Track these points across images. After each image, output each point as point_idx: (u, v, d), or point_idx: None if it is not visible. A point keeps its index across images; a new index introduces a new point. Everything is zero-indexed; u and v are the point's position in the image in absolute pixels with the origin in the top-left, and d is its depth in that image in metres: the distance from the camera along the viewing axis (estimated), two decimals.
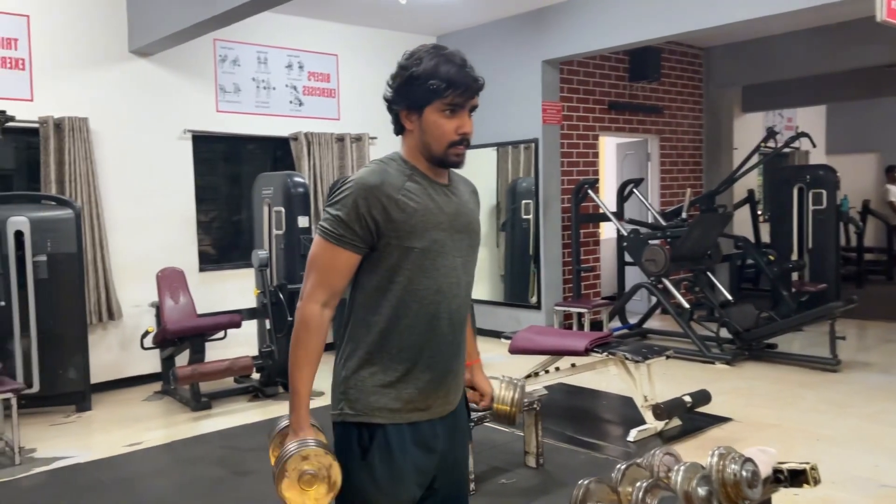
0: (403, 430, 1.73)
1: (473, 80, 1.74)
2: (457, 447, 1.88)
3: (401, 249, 1.68)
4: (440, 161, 1.75)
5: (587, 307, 7.03)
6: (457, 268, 1.76)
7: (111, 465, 4.21)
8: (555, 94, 7.23)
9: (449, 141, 1.72)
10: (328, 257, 1.70)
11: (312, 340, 1.70)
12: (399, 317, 1.71)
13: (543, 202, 7.17)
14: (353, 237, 1.67)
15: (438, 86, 1.68)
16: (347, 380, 1.75)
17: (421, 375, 1.73)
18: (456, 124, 1.72)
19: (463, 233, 1.78)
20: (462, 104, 1.72)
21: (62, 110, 5.60)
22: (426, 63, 1.70)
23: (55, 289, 5.12)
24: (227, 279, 6.56)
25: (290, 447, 1.66)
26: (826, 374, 5.72)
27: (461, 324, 1.81)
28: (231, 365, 5.21)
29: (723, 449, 1.73)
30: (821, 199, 7.68)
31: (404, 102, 1.74)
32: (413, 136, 1.76)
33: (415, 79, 1.70)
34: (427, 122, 1.72)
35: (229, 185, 7.01)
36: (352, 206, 1.66)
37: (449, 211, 1.76)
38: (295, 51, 7.00)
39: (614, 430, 4.69)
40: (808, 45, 8.26)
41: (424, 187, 1.73)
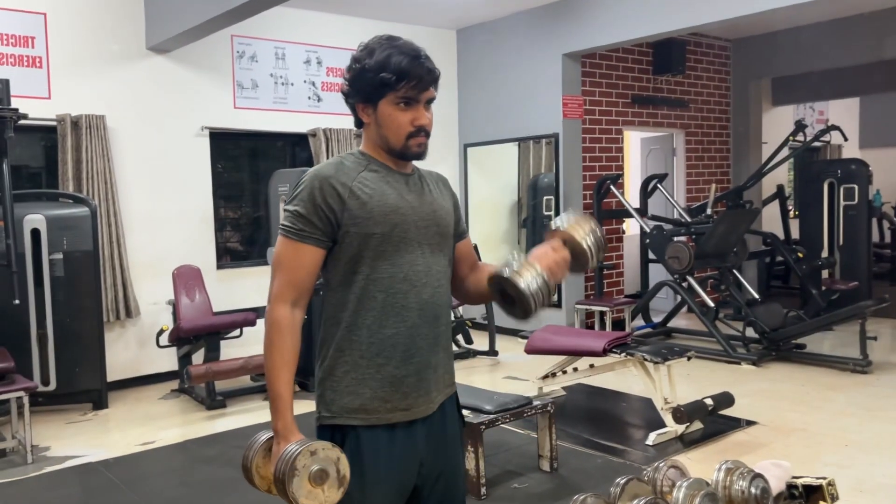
0: (378, 433, 1.66)
1: (427, 72, 1.66)
2: (442, 459, 1.76)
3: (360, 237, 1.63)
4: (401, 154, 1.70)
5: (609, 305, 6.88)
6: (425, 255, 1.69)
7: (123, 464, 4.20)
8: (576, 87, 7.09)
9: (406, 133, 1.67)
10: (291, 255, 1.64)
11: (286, 342, 1.64)
12: (365, 308, 1.65)
13: (564, 198, 7.04)
14: (314, 230, 1.63)
15: (389, 79, 1.62)
16: (323, 381, 1.69)
17: (396, 371, 1.66)
18: (412, 116, 1.66)
19: (428, 220, 1.71)
20: (416, 97, 1.66)
21: (79, 108, 5.60)
22: (377, 55, 1.65)
23: (71, 287, 5.13)
24: (244, 277, 6.53)
25: (291, 447, 1.55)
26: (856, 375, 5.52)
27: (437, 315, 1.72)
28: (245, 363, 5.18)
29: (730, 463, 1.62)
30: (852, 194, 7.43)
31: (359, 95, 1.69)
32: (371, 129, 1.71)
33: (366, 71, 1.65)
34: (382, 115, 1.67)
35: (247, 182, 6.99)
36: (308, 199, 1.62)
37: (410, 198, 1.70)
38: (313, 46, 6.95)
39: (633, 434, 4.57)
40: (840, 36, 8.01)
41: (382, 175, 1.69)
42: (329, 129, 6.87)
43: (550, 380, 5.06)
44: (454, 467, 1.82)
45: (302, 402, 1.70)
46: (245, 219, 6.97)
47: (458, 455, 1.85)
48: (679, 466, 1.72)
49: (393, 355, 1.66)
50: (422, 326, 1.68)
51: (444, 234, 1.76)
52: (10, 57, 5.37)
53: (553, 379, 5.05)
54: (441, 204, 1.78)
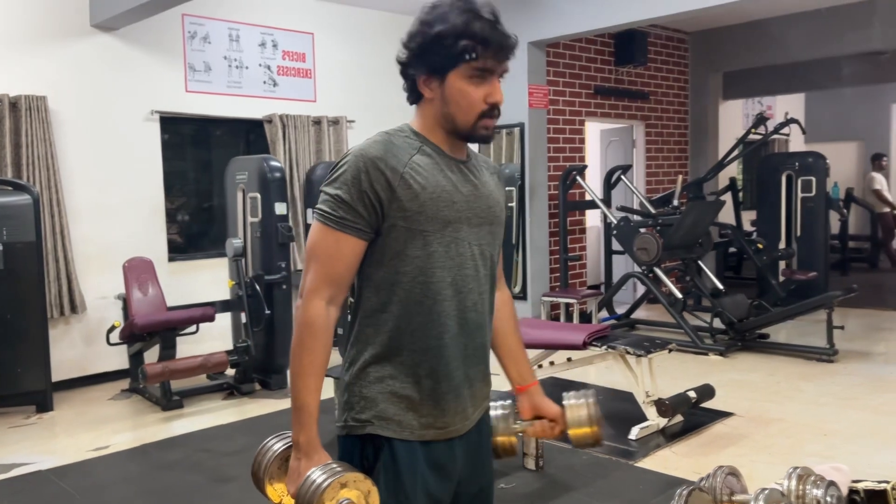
0: (414, 447, 1.47)
1: (507, 39, 1.46)
2: (480, 474, 1.61)
3: (409, 233, 1.42)
4: (467, 135, 1.49)
5: (575, 297, 6.81)
6: (475, 257, 1.50)
7: (76, 471, 3.88)
8: (541, 77, 6.98)
9: (478, 112, 1.45)
10: (330, 245, 1.43)
11: (319, 344, 1.43)
12: (410, 314, 1.45)
13: (530, 189, 6.93)
14: (357, 219, 1.41)
15: (469, 47, 1.41)
16: (352, 386, 1.49)
17: (435, 385, 1.47)
18: (485, 92, 1.45)
19: (482, 217, 1.52)
20: (493, 68, 1.45)
21: (18, 88, 5.19)
22: (454, 19, 1.42)
23: (12, 280, 4.75)
24: (198, 269, 6.20)
25: (317, 476, 1.36)
26: (823, 364, 5.58)
27: (480, 324, 1.53)
28: (205, 361, 4.90)
29: (800, 470, 1.49)
30: (810, 186, 7.55)
31: (424, 66, 1.45)
32: (432, 106, 1.48)
33: (441, 38, 1.42)
34: (451, 89, 1.44)
35: (200, 170, 6.64)
36: (352, 183, 1.40)
37: (465, 191, 1.49)
38: (269, 28, 6.64)
39: (613, 428, 4.46)
40: (791, 32, 8.13)
41: (437, 162, 1.47)
42: (286, 115, 6.58)
43: None
44: (489, 482, 1.66)
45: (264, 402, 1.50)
46: (198, 208, 6.63)
47: (492, 469, 1.68)
48: (736, 473, 1.59)
49: (433, 366, 1.47)
50: (462, 336, 1.50)
51: (496, 234, 1.58)
52: None
53: None
54: (496, 198, 1.58)
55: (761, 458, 3.79)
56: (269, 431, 1.51)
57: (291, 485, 1.44)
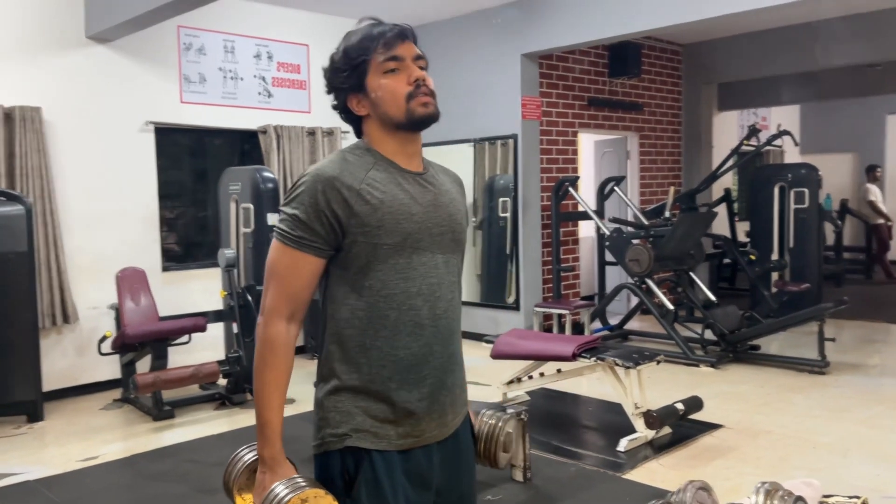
0: (392, 458, 1.48)
1: (393, 26, 1.53)
2: (460, 481, 1.62)
3: (369, 247, 1.45)
4: (409, 121, 1.52)
5: (568, 308, 6.82)
6: (438, 266, 1.52)
7: (65, 482, 3.88)
8: (534, 88, 7.01)
9: (404, 94, 1.50)
10: (288, 264, 1.46)
11: (280, 362, 1.47)
12: (376, 327, 1.47)
13: (523, 200, 6.95)
14: (315, 238, 1.44)
15: (364, 48, 1.50)
16: (325, 401, 1.51)
17: (409, 395, 1.49)
18: (404, 77, 1.51)
19: (444, 226, 1.54)
20: (399, 56, 1.50)
21: (12, 99, 5.22)
22: (345, 41, 1.54)
23: (4, 290, 4.77)
24: (191, 279, 6.22)
25: (280, 490, 1.39)
26: (814, 376, 5.58)
27: (451, 331, 1.56)
28: (196, 371, 4.90)
29: (769, 485, 1.50)
30: (803, 197, 7.57)
31: (345, 84, 1.53)
32: (372, 121, 1.55)
33: (336, 63, 1.54)
34: (373, 91, 1.51)
35: (194, 180, 6.67)
36: (309, 203, 1.44)
37: (424, 201, 1.52)
38: (264, 40, 6.68)
39: (602, 439, 4.48)
40: (785, 44, 8.17)
41: (392, 175, 1.51)
42: (280, 126, 6.62)
43: (515, 385, 4.95)
44: (470, 488, 1.67)
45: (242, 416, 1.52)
46: (192, 218, 6.65)
47: (473, 475, 1.69)
48: (706, 488, 1.60)
49: (405, 377, 1.49)
50: (435, 344, 1.52)
51: (459, 241, 1.60)
52: None
53: (518, 384, 4.93)
54: (458, 207, 1.62)
55: (748, 470, 3.79)
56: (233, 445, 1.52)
57: (257, 497, 1.47)
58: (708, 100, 9.22)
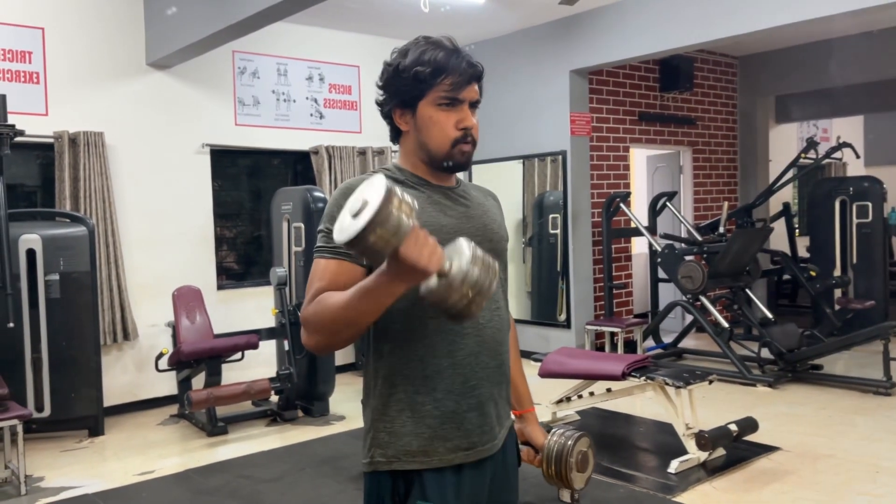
0: (445, 476, 1.47)
1: (469, 65, 1.50)
2: (507, 492, 1.61)
3: None
4: (442, 163, 1.51)
5: (620, 326, 6.72)
6: None
7: (121, 496, 4.00)
8: (584, 104, 6.98)
9: (451, 138, 1.49)
10: (328, 269, 1.42)
11: (325, 304, 1.36)
12: (415, 339, 1.46)
13: (572, 216, 6.90)
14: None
15: (426, 73, 1.46)
16: (375, 423, 1.50)
17: (456, 406, 1.47)
18: (456, 118, 1.49)
19: (478, 235, 1.51)
20: (458, 95, 1.49)
21: (77, 125, 5.46)
22: (412, 53, 1.50)
23: (68, 309, 4.95)
24: (245, 298, 6.36)
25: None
26: (879, 398, 5.36)
27: (497, 342, 1.53)
28: (248, 388, 4.99)
29: None
30: (866, 211, 7.31)
31: (395, 100, 1.52)
32: (410, 139, 1.54)
33: (401, 71, 1.49)
34: (422, 118, 1.50)
35: (248, 201, 6.84)
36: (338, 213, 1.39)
37: (454, 214, 1.52)
38: (315, 62, 6.83)
39: (653, 460, 4.39)
40: (845, 53, 7.94)
41: (422, 190, 1.51)
42: (332, 147, 6.74)
43: (565, 404, 4.89)
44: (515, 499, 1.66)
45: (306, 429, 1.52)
46: (246, 238, 6.81)
47: (517, 487, 1.68)
48: None
49: (451, 387, 1.47)
50: (482, 354, 1.50)
51: (498, 251, 1.58)
52: (6, 72, 5.22)
53: (567, 403, 4.88)
54: (492, 217, 1.61)
55: (807, 495, 3.66)
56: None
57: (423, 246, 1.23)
58: (764, 112, 9.02)
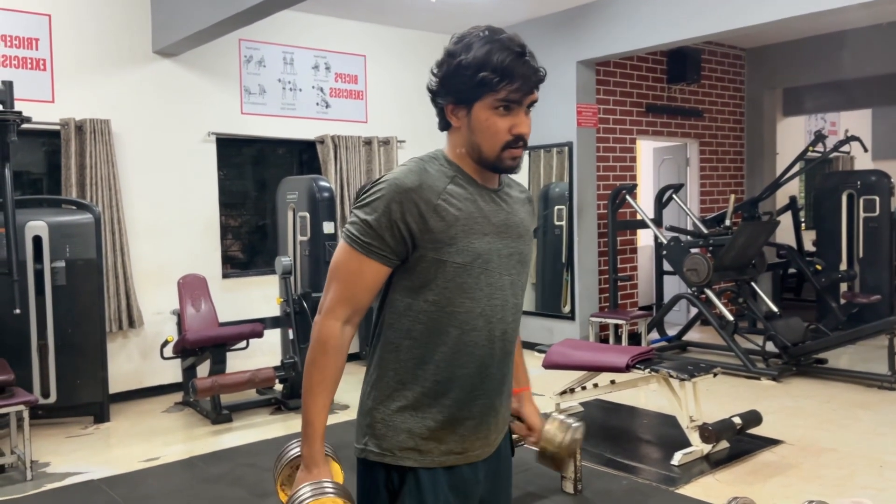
0: (438, 474, 1.48)
1: (534, 72, 1.47)
2: (499, 492, 1.62)
3: (438, 264, 1.43)
4: (492, 165, 1.49)
5: (625, 318, 6.72)
6: (504, 287, 1.50)
7: (126, 481, 4.02)
8: (590, 95, 6.95)
9: (502, 142, 1.46)
10: (353, 268, 1.45)
11: (330, 363, 1.46)
12: (436, 343, 1.46)
13: (578, 208, 6.89)
14: (383, 247, 1.42)
15: (490, 79, 1.42)
16: (373, 412, 1.51)
17: (459, 414, 1.48)
18: (510, 123, 1.46)
19: (513, 247, 1.52)
20: (518, 100, 1.46)
21: (84, 112, 5.46)
22: (477, 50, 1.44)
23: (74, 296, 4.97)
24: (251, 286, 6.37)
25: (304, 492, 1.41)
26: (883, 392, 5.36)
27: (507, 354, 1.54)
28: (253, 377, 5.01)
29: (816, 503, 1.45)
30: (873, 205, 7.28)
31: (451, 96, 1.48)
32: (460, 134, 1.50)
33: (463, 69, 1.44)
34: (477, 119, 1.46)
35: (254, 190, 6.84)
36: (383, 211, 1.41)
37: (497, 221, 1.50)
38: (322, 51, 6.81)
39: (656, 452, 4.39)
40: (854, 46, 7.89)
41: (470, 192, 1.48)
42: (337, 136, 6.73)
43: (568, 396, 4.89)
44: (508, 499, 1.67)
45: None
46: (251, 227, 6.82)
47: (510, 487, 1.69)
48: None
49: (459, 396, 1.48)
50: (491, 366, 1.51)
51: (525, 263, 1.58)
52: (13, 59, 5.23)
53: (571, 395, 4.88)
54: (526, 226, 1.59)
55: (810, 488, 3.66)
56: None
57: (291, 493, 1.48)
58: (772, 105, 8.97)
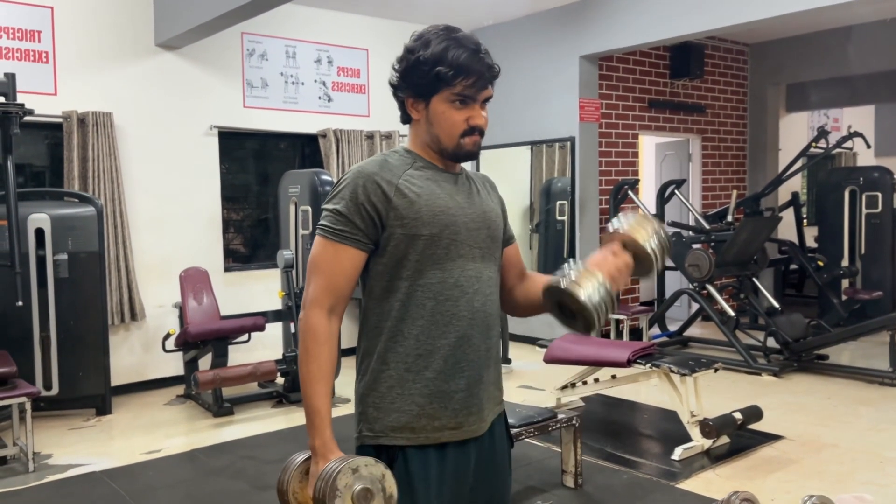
0: (428, 453, 1.51)
1: (487, 68, 1.53)
2: (492, 482, 1.63)
3: (407, 239, 1.49)
4: (453, 154, 1.57)
5: (626, 313, 6.72)
6: (475, 258, 1.55)
7: (128, 474, 4.03)
8: (593, 90, 6.94)
9: (460, 131, 1.54)
10: (330, 257, 1.50)
11: (323, 352, 1.49)
12: (412, 317, 1.50)
13: (580, 203, 6.88)
14: (355, 231, 1.49)
15: (446, 73, 1.49)
16: (365, 397, 1.55)
17: (445, 387, 1.51)
18: (466, 115, 1.53)
19: (479, 221, 1.58)
20: (473, 96, 1.52)
21: (86, 105, 5.45)
22: (434, 47, 1.51)
23: (76, 288, 4.97)
24: (252, 280, 6.38)
25: (332, 465, 1.40)
26: (885, 388, 5.35)
27: (489, 325, 1.58)
28: (254, 370, 5.02)
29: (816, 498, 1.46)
30: (875, 202, 7.27)
31: (410, 89, 1.56)
32: (420, 127, 1.58)
33: (421, 63, 1.51)
34: (434, 112, 1.54)
35: (256, 183, 6.84)
36: (350, 197, 1.49)
37: (459, 198, 1.57)
38: (324, 45, 6.80)
39: (657, 447, 4.40)
40: (858, 42, 7.86)
41: (430, 174, 1.57)
42: (339, 130, 6.73)
43: (569, 390, 4.91)
44: (503, 492, 1.67)
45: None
46: (253, 221, 6.82)
47: (508, 478, 1.70)
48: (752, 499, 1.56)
49: (442, 368, 1.51)
50: (474, 337, 1.54)
51: (495, 238, 1.63)
52: (16, 51, 5.23)
53: (572, 389, 4.89)
54: (490, 206, 1.65)
55: (810, 484, 3.67)
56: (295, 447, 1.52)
57: (310, 489, 1.47)
58: (775, 101, 8.95)
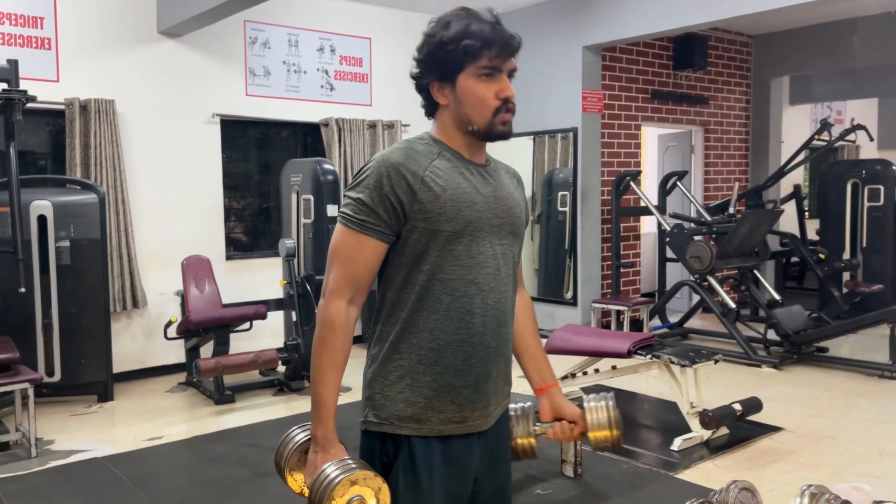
0: (432, 444, 1.51)
1: (510, 37, 1.52)
2: (497, 474, 1.64)
3: (429, 233, 1.47)
4: (485, 134, 1.54)
5: (627, 305, 6.73)
6: (496, 256, 1.54)
7: (130, 460, 4.06)
8: (596, 81, 6.92)
9: (492, 108, 1.52)
10: (352, 247, 1.49)
11: (338, 342, 1.49)
12: (428, 311, 1.50)
13: (582, 194, 6.88)
14: (378, 222, 1.47)
15: (472, 45, 1.48)
16: (372, 384, 1.55)
17: (454, 381, 1.51)
18: (496, 88, 1.52)
19: (503, 217, 1.56)
20: (499, 66, 1.52)
21: (88, 92, 5.45)
22: (455, 25, 1.51)
23: (78, 275, 4.99)
24: (254, 268, 6.39)
25: (331, 471, 1.42)
26: (884, 381, 5.37)
27: (500, 322, 1.57)
28: (256, 358, 5.03)
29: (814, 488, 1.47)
30: (878, 195, 7.26)
31: (435, 73, 1.54)
32: (448, 112, 1.55)
33: (445, 44, 1.50)
34: (463, 90, 1.52)
35: (258, 172, 6.84)
36: (374, 187, 1.46)
37: (485, 192, 1.54)
38: (327, 33, 6.78)
39: (656, 438, 4.42)
40: (863, 35, 7.84)
41: (456, 165, 1.53)
42: (342, 119, 6.72)
43: (570, 381, 4.91)
44: (506, 481, 1.68)
45: None
46: (255, 209, 6.83)
47: (509, 469, 1.71)
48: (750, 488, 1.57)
49: (452, 363, 1.51)
50: (485, 334, 1.54)
51: (517, 234, 1.62)
52: (18, 38, 5.22)
53: (573, 380, 4.89)
54: (516, 200, 1.63)
55: (809, 475, 3.68)
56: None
57: (308, 477, 1.50)
58: (778, 93, 8.92)
